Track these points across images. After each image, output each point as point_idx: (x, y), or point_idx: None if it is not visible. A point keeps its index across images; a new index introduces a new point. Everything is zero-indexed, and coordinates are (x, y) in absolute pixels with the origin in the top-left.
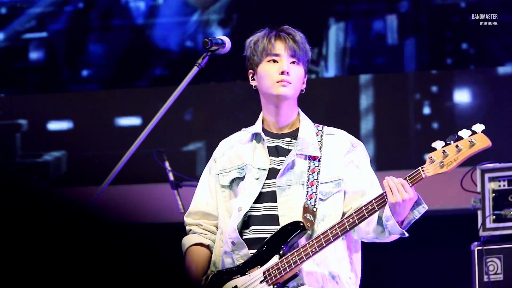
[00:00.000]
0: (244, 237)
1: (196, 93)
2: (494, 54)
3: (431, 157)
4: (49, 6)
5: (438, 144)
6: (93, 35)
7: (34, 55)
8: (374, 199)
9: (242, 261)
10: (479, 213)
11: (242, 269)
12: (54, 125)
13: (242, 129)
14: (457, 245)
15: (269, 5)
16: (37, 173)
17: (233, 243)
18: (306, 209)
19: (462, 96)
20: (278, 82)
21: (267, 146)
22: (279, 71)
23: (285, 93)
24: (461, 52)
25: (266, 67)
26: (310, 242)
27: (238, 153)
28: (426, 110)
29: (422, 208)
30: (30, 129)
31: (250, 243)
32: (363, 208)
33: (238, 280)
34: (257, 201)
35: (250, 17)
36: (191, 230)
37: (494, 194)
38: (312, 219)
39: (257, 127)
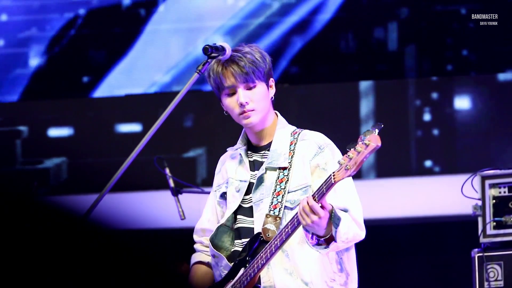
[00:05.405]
0: (233, 249)
1: (197, 99)
2: (494, 61)
3: (339, 161)
4: (49, 12)
5: (350, 147)
6: (93, 42)
7: (34, 61)
8: (297, 214)
9: (226, 271)
10: (480, 219)
11: (223, 283)
12: (54, 132)
13: (228, 148)
14: (457, 252)
15: None
16: (37, 180)
17: (213, 255)
18: (267, 220)
19: (462, 103)
20: (241, 114)
21: (249, 161)
22: (238, 104)
23: (251, 122)
24: (461, 59)
25: (227, 101)
26: (261, 254)
27: (227, 168)
28: (427, 117)
29: (337, 220)
30: (31, 136)
31: (234, 255)
32: (295, 218)
33: None
34: (240, 214)
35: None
36: (196, 248)
37: (494, 201)
38: (275, 228)
39: (239, 143)
